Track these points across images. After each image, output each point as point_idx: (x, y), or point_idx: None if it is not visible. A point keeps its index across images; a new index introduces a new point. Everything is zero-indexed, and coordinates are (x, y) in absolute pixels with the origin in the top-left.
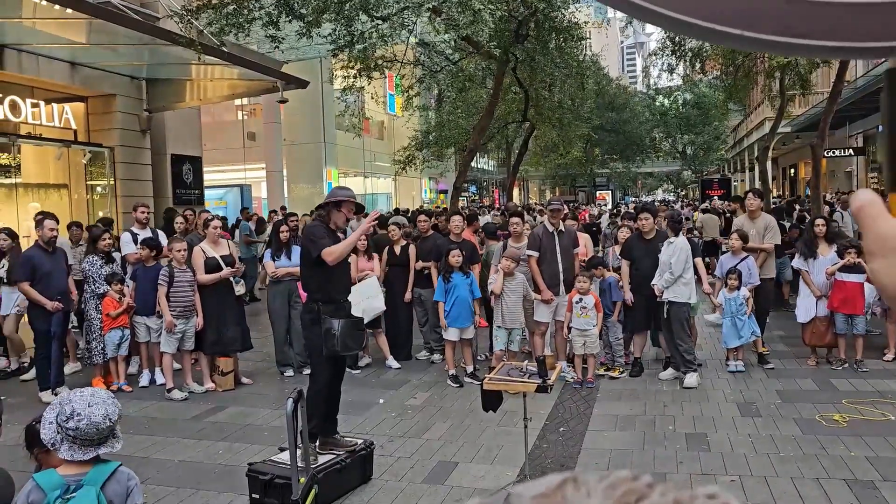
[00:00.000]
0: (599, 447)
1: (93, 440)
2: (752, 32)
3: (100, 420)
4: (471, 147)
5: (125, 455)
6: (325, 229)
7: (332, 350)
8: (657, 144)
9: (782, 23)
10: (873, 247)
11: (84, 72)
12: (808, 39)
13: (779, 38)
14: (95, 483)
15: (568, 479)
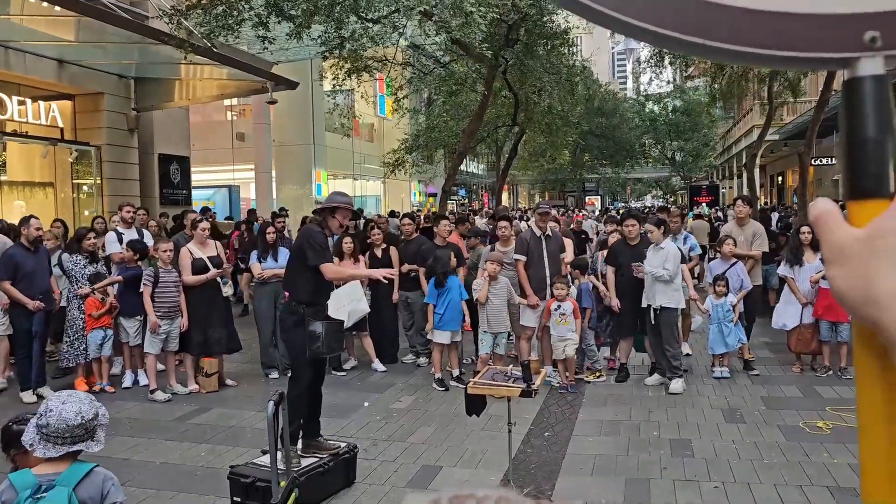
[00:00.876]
0: (584, 452)
1: (64, 437)
2: (709, 41)
3: (70, 416)
4: (460, 150)
5: (105, 456)
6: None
7: (317, 352)
8: (646, 150)
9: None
10: (830, 255)
11: (71, 70)
12: (764, 49)
13: (735, 47)
14: (68, 483)
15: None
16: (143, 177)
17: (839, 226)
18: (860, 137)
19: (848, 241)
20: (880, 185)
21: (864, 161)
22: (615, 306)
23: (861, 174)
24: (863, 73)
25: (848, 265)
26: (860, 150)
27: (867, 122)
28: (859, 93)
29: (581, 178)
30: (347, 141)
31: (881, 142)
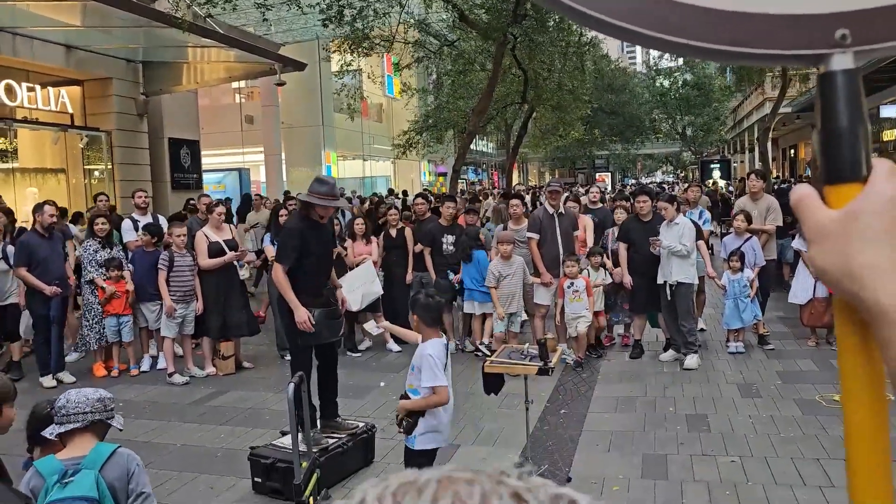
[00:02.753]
0: (600, 429)
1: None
2: (691, 40)
3: (90, 392)
4: (469, 130)
5: (126, 439)
6: (305, 227)
7: (308, 340)
8: (657, 126)
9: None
10: (810, 235)
11: (79, 55)
12: (743, 48)
13: (715, 46)
14: (94, 466)
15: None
16: (154, 161)
17: (818, 208)
18: (835, 127)
19: (826, 221)
20: (854, 170)
21: (839, 148)
22: (627, 283)
23: (836, 161)
24: (835, 68)
25: (827, 244)
26: (835, 138)
27: (841, 113)
28: (833, 86)
29: (591, 155)
30: (356, 121)
31: (854, 131)
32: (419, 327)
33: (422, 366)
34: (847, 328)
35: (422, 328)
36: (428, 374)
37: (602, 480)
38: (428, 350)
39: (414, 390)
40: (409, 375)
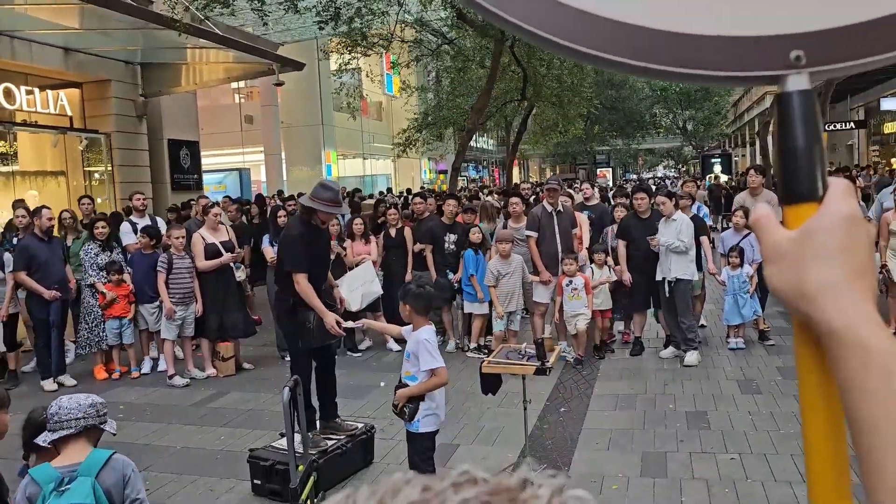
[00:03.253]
0: (600, 427)
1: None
2: (653, 64)
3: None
4: (469, 127)
5: (127, 442)
6: (307, 232)
7: (308, 343)
8: (657, 121)
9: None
10: (766, 254)
11: (78, 57)
12: (703, 70)
13: (677, 70)
14: (90, 473)
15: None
16: (154, 163)
17: (774, 228)
18: (791, 147)
19: (782, 241)
20: (811, 189)
21: (796, 168)
22: (627, 280)
23: (793, 180)
24: (791, 89)
25: (782, 263)
26: (792, 158)
27: (797, 133)
28: (789, 106)
29: (592, 151)
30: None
31: (810, 150)
32: (411, 316)
33: (418, 351)
34: (804, 347)
35: (413, 317)
36: (426, 358)
37: (601, 479)
38: (423, 335)
39: (411, 377)
40: (404, 364)
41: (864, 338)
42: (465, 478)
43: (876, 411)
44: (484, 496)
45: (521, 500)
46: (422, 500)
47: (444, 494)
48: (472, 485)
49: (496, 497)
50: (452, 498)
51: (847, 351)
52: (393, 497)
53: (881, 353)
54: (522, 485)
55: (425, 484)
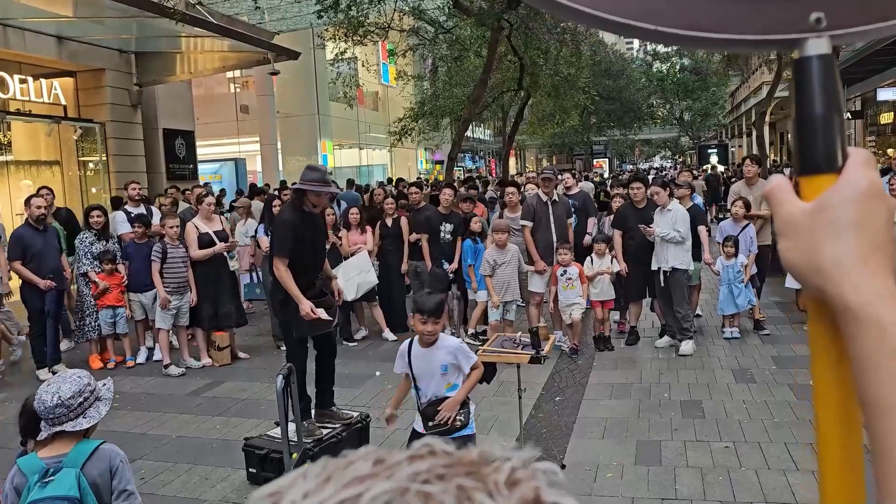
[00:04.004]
0: (595, 416)
1: (47, 419)
2: (664, 27)
3: (47, 398)
4: (465, 117)
5: (122, 431)
6: (298, 218)
7: (302, 332)
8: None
9: (693, 19)
10: (780, 228)
11: (71, 46)
12: (718, 34)
13: (689, 33)
14: (75, 464)
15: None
16: (149, 152)
17: (789, 200)
18: (809, 115)
19: (797, 214)
20: (828, 160)
21: (813, 138)
22: (623, 270)
23: (810, 151)
24: (810, 53)
25: (796, 237)
26: (809, 127)
27: (815, 100)
28: (807, 72)
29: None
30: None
31: (829, 118)
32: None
33: (458, 356)
34: (818, 325)
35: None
36: (465, 356)
37: (596, 467)
38: (450, 341)
39: (454, 387)
40: (440, 378)
41: (880, 315)
42: (426, 450)
43: (889, 392)
44: (439, 468)
45: (482, 473)
46: (370, 474)
47: (396, 467)
48: (430, 457)
49: (452, 469)
50: (403, 470)
51: (862, 328)
52: (343, 470)
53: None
54: (486, 458)
55: (379, 457)
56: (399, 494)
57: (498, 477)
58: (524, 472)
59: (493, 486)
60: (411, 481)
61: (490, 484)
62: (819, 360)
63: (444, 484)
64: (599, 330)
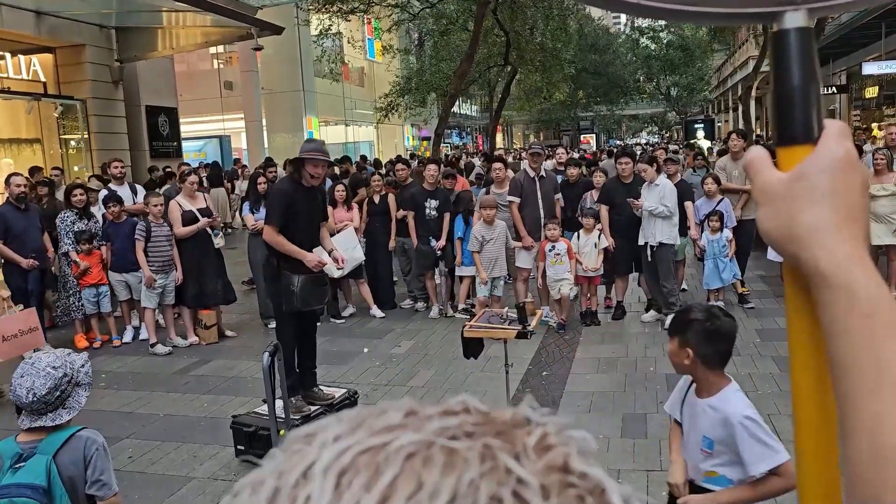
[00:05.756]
0: (581, 390)
1: (27, 411)
2: (645, 1)
3: (22, 394)
4: (451, 92)
5: (109, 410)
6: (294, 190)
7: (292, 307)
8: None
9: None
10: (758, 197)
11: (50, 21)
12: (697, 7)
13: (670, 6)
14: (48, 451)
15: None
16: (131, 130)
17: (767, 170)
18: (787, 87)
19: (774, 183)
20: (806, 131)
21: (791, 109)
22: (611, 245)
23: (788, 121)
24: (788, 26)
25: (773, 206)
26: (787, 98)
27: (793, 72)
28: (785, 45)
29: (576, 117)
30: (338, 86)
31: (806, 90)
32: (697, 369)
33: (735, 436)
34: (793, 290)
35: (703, 372)
36: (759, 449)
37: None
38: (739, 408)
39: (718, 479)
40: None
41: (851, 279)
42: (460, 407)
43: (855, 353)
44: (469, 425)
45: (512, 434)
46: (399, 424)
47: (427, 420)
48: (463, 414)
49: (482, 427)
50: (433, 424)
51: (833, 293)
52: (376, 417)
53: (865, 294)
54: (518, 421)
55: (412, 409)
56: (425, 447)
57: (528, 440)
58: (556, 438)
59: (522, 449)
60: (438, 435)
61: (518, 446)
62: (794, 324)
63: (472, 441)
64: (586, 305)
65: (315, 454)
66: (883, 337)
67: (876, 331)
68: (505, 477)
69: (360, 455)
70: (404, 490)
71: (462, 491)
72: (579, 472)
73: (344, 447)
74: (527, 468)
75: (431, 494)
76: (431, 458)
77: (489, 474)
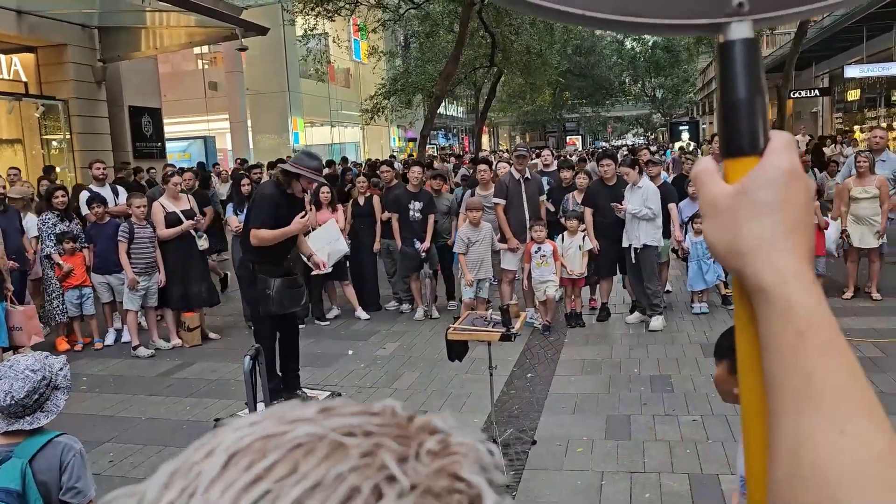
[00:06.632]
0: (566, 391)
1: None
2: (592, 12)
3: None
4: (437, 94)
5: (90, 414)
6: (280, 196)
7: (269, 310)
8: (626, 88)
9: (619, 2)
10: (704, 209)
11: (31, 20)
12: (643, 18)
13: (616, 17)
14: (24, 456)
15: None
16: (115, 130)
17: (713, 182)
18: (733, 98)
19: (720, 196)
20: (752, 142)
21: (737, 120)
22: (595, 247)
23: (734, 133)
24: (733, 37)
25: (718, 218)
26: (733, 110)
27: (739, 84)
28: (731, 56)
29: (562, 119)
30: (324, 87)
31: (752, 102)
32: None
33: None
34: (740, 306)
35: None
36: None
37: (567, 442)
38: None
39: None
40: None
41: (790, 295)
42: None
43: (785, 370)
44: (372, 426)
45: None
46: (307, 418)
47: (336, 417)
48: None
49: (385, 429)
50: (336, 420)
51: (771, 308)
52: (290, 410)
53: (801, 310)
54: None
55: (330, 406)
56: (316, 440)
57: (426, 445)
58: (457, 446)
59: (415, 452)
60: (334, 431)
61: (413, 449)
62: (742, 340)
63: (365, 440)
64: (571, 306)
65: (226, 436)
66: (814, 355)
67: (808, 348)
68: (375, 472)
69: (258, 441)
70: (277, 473)
71: (327, 481)
72: (466, 479)
73: (249, 433)
74: (416, 470)
75: (298, 479)
76: (315, 450)
77: (362, 469)
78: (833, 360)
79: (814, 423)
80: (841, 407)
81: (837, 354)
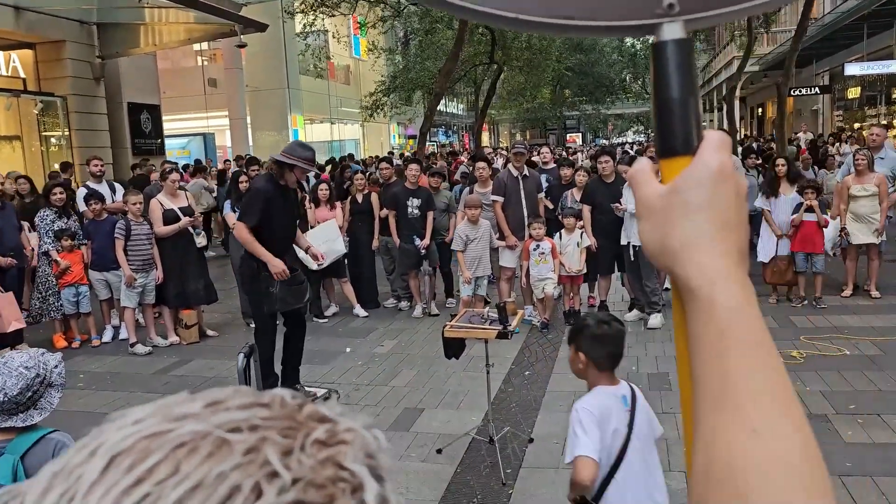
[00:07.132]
0: (563, 389)
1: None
2: (524, 15)
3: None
4: (437, 91)
5: (87, 411)
6: (273, 189)
7: (272, 308)
8: (626, 86)
9: (551, 6)
10: (639, 209)
11: (29, 17)
12: (577, 21)
13: (548, 20)
14: (16, 452)
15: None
16: (113, 127)
17: (648, 182)
18: (666, 98)
19: (653, 196)
20: (685, 142)
21: (670, 121)
22: (593, 245)
23: (668, 133)
24: (665, 38)
25: (652, 219)
26: (666, 110)
27: (672, 84)
28: (664, 56)
29: (562, 116)
30: (323, 84)
31: (685, 102)
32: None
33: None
34: (677, 305)
35: (594, 376)
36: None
37: (564, 440)
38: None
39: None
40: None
41: (715, 295)
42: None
43: (705, 368)
44: (258, 419)
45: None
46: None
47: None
48: (261, 408)
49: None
50: (222, 416)
51: (697, 307)
52: (178, 406)
53: (724, 310)
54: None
55: (217, 399)
56: (199, 437)
57: (312, 436)
58: (344, 435)
59: (300, 444)
60: (220, 427)
61: (298, 441)
62: (678, 338)
63: (251, 434)
64: (569, 304)
65: (109, 436)
66: (733, 355)
67: (727, 348)
68: (257, 469)
69: (142, 440)
70: (159, 475)
71: (209, 480)
72: (350, 469)
73: (132, 431)
74: (301, 462)
75: (179, 481)
76: (198, 448)
77: (244, 466)
78: (751, 361)
79: (727, 422)
80: (755, 407)
81: (756, 355)
